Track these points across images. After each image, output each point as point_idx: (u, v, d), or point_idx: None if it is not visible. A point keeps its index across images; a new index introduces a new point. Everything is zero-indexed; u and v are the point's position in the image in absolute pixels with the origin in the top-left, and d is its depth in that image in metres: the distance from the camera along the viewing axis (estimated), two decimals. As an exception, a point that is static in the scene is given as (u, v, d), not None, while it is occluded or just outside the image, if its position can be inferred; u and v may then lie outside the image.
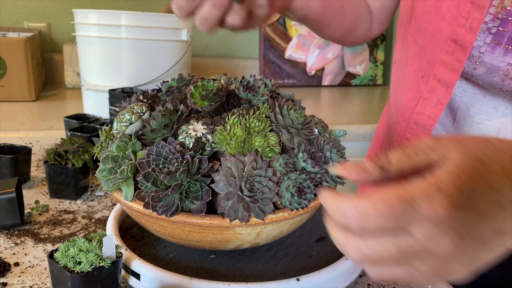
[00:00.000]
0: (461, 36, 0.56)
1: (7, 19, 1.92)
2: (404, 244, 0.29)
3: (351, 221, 0.29)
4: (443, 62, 0.60)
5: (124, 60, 1.24)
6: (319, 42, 2.01)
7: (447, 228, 0.28)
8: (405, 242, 0.29)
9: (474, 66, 0.57)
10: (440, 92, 0.61)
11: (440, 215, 0.27)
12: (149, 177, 0.49)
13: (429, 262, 0.29)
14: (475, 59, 0.56)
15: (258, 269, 0.57)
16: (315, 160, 0.51)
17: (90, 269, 0.44)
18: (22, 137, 1.15)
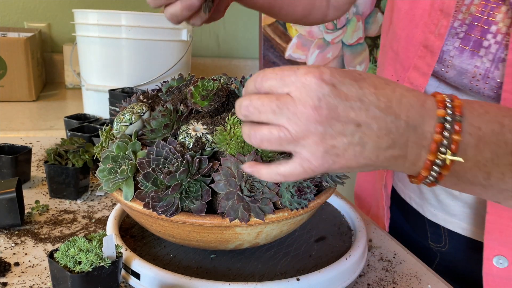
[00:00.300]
0: (430, 42, 0.60)
1: (7, 19, 1.92)
2: (283, 99, 0.36)
3: (255, 79, 0.39)
4: (415, 67, 0.64)
5: (124, 60, 1.24)
6: (319, 42, 2.02)
7: (313, 93, 0.35)
8: (283, 97, 0.37)
9: (446, 69, 0.60)
10: None
11: (309, 80, 0.35)
12: (149, 177, 0.49)
13: (295, 122, 0.36)
14: (446, 63, 0.59)
15: (258, 269, 0.57)
16: (315, 160, 0.51)
17: (90, 269, 0.44)
18: (22, 137, 1.15)
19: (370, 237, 0.71)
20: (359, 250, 0.59)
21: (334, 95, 0.35)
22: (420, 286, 0.60)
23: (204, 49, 2.05)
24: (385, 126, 0.36)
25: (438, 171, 0.38)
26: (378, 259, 0.65)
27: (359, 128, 0.36)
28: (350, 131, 0.36)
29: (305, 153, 0.37)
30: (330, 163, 0.37)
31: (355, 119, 0.36)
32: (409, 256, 0.67)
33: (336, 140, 0.36)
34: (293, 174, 0.39)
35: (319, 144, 0.36)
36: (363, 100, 0.36)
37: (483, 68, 0.56)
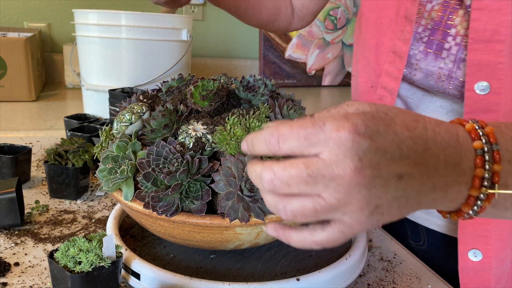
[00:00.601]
0: (398, 47, 0.63)
1: (7, 19, 1.92)
2: (312, 164, 0.31)
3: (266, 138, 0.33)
4: (386, 72, 0.66)
5: (124, 60, 1.24)
6: (319, 42, 2.02)
7: (349, 152, 0.30)
8: (314, 163, 0.31)
9: (414, 72, 0.63)
10: (387, 99, 0.67)
11: (344, 137, 0.30)
12: (149, 177, 0.49)
13: (334, 188, 0.31)
14: (414, 66, 0.62)
15: (258, 269, 0.57)
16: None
17: (90, 269, 0.44)
18: (22, 137, 1.15)
19: (370, 237, 0.71)
20: (359, 250, 0.59)
21: (375, 151, 0.31)
22: (420, 286, 0.60)
23: (204, 49, 2.05)
24: (426, 171, 0.33)
25: (481, 205, 0.35)
26: (378, 259, 0.65)
27: (401, 180, 0.32)
28: (393, 186, 0.32)
29: (347, 220, 0.33)
30: (374, 223, 0.33)
31: (397, 172, 0.32)
32: (409, 256, 0.67)
33: (380, 199, 0.32)
34: (332, 241, 0.34)
35: (364, 209, 0.32)
36: (401, 147, 0.32)
37: (446, 69, 0.58)
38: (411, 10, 0.60)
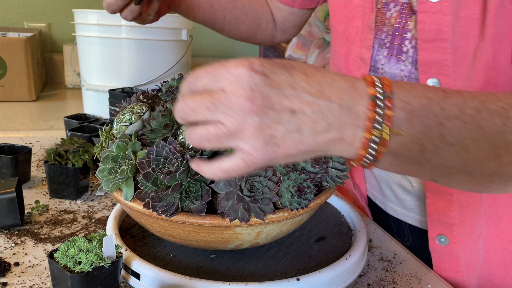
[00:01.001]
0: (363, 54, 0.67)
1: (7, 19, 1.92)
2: (216, 94, 0.37)
3: (188, 81, 0.39)
4: None
5: (124, 60, 1.24)
6: (319, 42, 2.02)
7: (244, 83, 0.36)
8: (216, 93, 0.37)
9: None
10: None
11: (241, 71, 0.36)
12: (149, 177, 0.49)
13: (231, 115, 0.36)
14: (379, 71, 0.66)
15: (258, 269, 0.57)
16: (315, 160, 0.51)
17: (90, 269, 0.44)
18: (22, 137, 1.15)
19: (370, 237, 0.71)
20: (359, 250, 0.59)
21: (266, 85, 0.36)
22: (420, 286, 0.60)
23: (204, 49, 2.05)
24: (319, 110, 0.37)
25: (376, 148, 0.38)
26: (378, 259, 0.65)
27: (294, 115, 0.36)
28: (286, 119, 0.36)
29: (245, 147, 0.37)
30: (271, 153, 0.37)
31: (289, 106, 0.36)
32: (409, 256, 0.67)
33: (273, 129, 0.36)
34: (235, 169, 0.38)
35: (257, 136, 0.36)
36: (295, 87, 0.37)
37: (406, 71, 0.62)
38: (371, 19, 0.64)
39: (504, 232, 0.62)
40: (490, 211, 0.62)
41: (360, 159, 0.39)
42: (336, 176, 0.54)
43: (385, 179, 0.75)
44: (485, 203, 0.61)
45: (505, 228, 0.62)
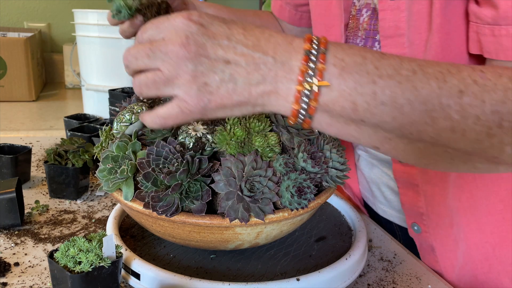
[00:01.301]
0: None
1: (7, 19, 1.92)
2: (155, 42, 0.39)
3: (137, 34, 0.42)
4: None
5: (124, 60, 1.24)
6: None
7: (180, 31, 0.38)
8: (156, 41, 0.39)
9: None
10: None
11: (179, 21, 0.38)
12: (149, 177, 0.49)
13: (168, 62, 0.38)
14: None
15: (258, 269, 0.57)
16: (315, 160, 0.51)
17: (90, 269, 0.44)
18: (22, 137, 1.15)
19: (370, 237, 0.71)
20: (359, 250, 0.59)
21: (202, 33, 0.38)
22: (420, 286, 0.60)
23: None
24: (253, 62, 0.38)
25: (307, 102, 0.39)
26: (378, 259, 0.65)
27: (228, 65, 0.38)
28: (220, 68, 0.38)
29: (180, 93, 0.39)
30: (206, 101, 0.38)
31: (224, 56, 0.38)
32: (409, 256, 0.67)
33: (207, 77, 0.38)
34: (171, 115, 0.40)
35: (191, 82, 0.38)
36: (231, 38, 0.38)
37: None
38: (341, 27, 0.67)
39: (484, 225, 0.62)
40: (467, 205, 0.62)
41: (295, 114, 0.40)
42: (336, 176, 0.54)
43: (375, 180, 0.76)
44: (462, 197, 0.62)
45: (485, 222, 0.62)
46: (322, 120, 0.41)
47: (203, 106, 0.39)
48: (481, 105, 0.39)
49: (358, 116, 0.40)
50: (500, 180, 0.59)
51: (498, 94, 0.39)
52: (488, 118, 0.39)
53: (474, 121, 0.39)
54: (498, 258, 0.62)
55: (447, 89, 0.39)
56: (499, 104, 0.39)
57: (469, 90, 0.39)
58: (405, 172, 0.65)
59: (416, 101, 0.39)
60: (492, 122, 0.39)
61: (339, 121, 0.41)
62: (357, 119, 0.40)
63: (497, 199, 0.60)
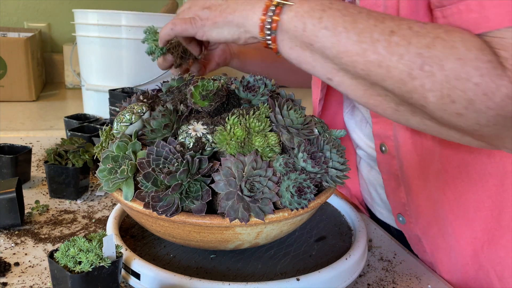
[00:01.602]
0: None
1: (7, 19, 1.92)
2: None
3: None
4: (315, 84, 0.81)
5: (124, 60, 1.24)
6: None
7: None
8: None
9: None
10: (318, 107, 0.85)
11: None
12: (149, 177, 0.49)
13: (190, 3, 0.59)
14: None
15: (258, 269, 0.57)
16: (315, 160, 0.51)
17: (90, 269, 0.44)
18: (22, 137, 1.15)
19: (370, 237, 0.71)
20: (359, 250, 0.59)
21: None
22: (420, 286, 0.60)
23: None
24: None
25: (271, 16, 0.49)
26: (378, 259, 0.65)
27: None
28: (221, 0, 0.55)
29: (192, 13, 0.59)
30: (207, 15, 0.56)
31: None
32: (409, 256, 0.67)
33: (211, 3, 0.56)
34: (182, 22, 0.59)
35: (201, 6, 0.58)
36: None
37: None
38: None
39: (472, 221, 0.62)
40: (452, 198, 0.62)
41: (262, 28, 0.50)
42: (336, 176, 0.54)
43: (372, 182, 0.76)
44: (446, 190, 0.62)
45: (473, 218, 0.62)
46: (284, 41, 0.50)
47: (204, 19, 0.56)
48: (407, 45, 0.43)
49: (307, 38, 0.48)
50: (488, 176, 0.59)
51: (426, 40, 0.43)
52: (411, 59, 0.43)
53: (398, 59, 0.43)
54: (487, 256, 0.62)
55: (381, 27, 0.44)
56: (424, 48, 0.42)
57: (400, 32, 0.44)
58: (387, 163, 0.67)
59: (352, 31, 0.45)
60: (414, 64, 0.42)
61: (296, 44, 0.50)
62: (307, 42, 0.48)
63: (485, 195, 0.60)
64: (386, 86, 0.45)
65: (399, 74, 0.43)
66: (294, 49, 0.50)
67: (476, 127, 0.43)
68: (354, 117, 0.78)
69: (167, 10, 1.43)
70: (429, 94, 0.43)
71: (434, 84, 0.42)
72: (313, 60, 0.49)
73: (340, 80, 0.49)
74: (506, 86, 0.40)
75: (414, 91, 0.44)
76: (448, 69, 0.41)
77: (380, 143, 0.66)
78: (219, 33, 0.55)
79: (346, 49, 0.46)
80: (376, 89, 0.47)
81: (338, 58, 0.47)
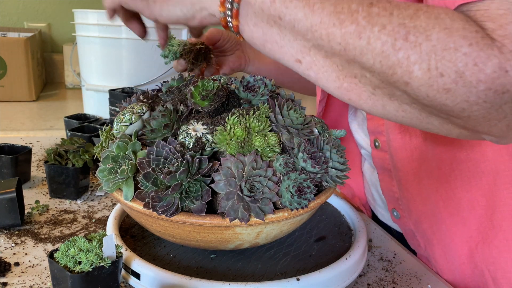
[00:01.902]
0: None
1: (7, 19, 1.92)
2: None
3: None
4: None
5: (124, 60, 1.24)
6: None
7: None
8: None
9: None
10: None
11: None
12: (149, 177, 0.49)
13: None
14: None
15: (258, 269, 0.57)
16: (315, 160, 0.51)
17: (90, 269, 0.44)
18: (23, 137, 1.15)
19: (370, 237, 0.71)
20: (359, 250, 0.59)
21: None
22: (420, 286, 0.60)
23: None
24: None
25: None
26: (378, 259, 0.65)
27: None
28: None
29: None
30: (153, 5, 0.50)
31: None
32: (409, 256, 0.67)
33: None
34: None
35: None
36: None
37: None
38: None
39: (467, 220, 0.62)
40: (446, 196, 0.63)
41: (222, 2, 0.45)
42: (336, 176, 0.54)
43: (374, 183, 0.76)
44: (439, 188, 0.62)
45: (468, 216, 0.62)
46: (248, 17, 0.45)
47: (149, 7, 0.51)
48: (388, 16, 0.40)
49: (275, 11, 0.43)
50: (481, 174, 0.59)
51: (408, 11, 0.40)
52: (394, 29, 0.39)
53: (380, 29, 0.40)
54: (481, 256, 0.62)
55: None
56: (407, 18, 0.39)
57: (380, 4, 0.41)
58: (380, 157, 0.67)
59: (327, 1, 0.41)
60: (398, 34, 0.39)
61: (262, 19, 0.44)
62: (275, 15, 0.43)
63: (479, 193, 0.60)
64: (365, 61, 0.41)
65: (381, 46, 0.40)
66: (259, 25, 0.45)
67: (464, 106, 0.40)
68: (357, 118, 0.78)
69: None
70: (415, 67, 0.39)
71: (421, 55, 0.39)
72: (281, 38, 0.44)
73: (311, 60, 0.44)
74: (496, 56, 0.38)
75: (398, 64, 0.40)
76: (434, 39, 0.38)
77: (374, 139, 0.67)
78: (170, 11, 0.49)
79: (321, 20, 0.41)
80: (352, 68, 0.43)
81: (312, 32, 0.42)
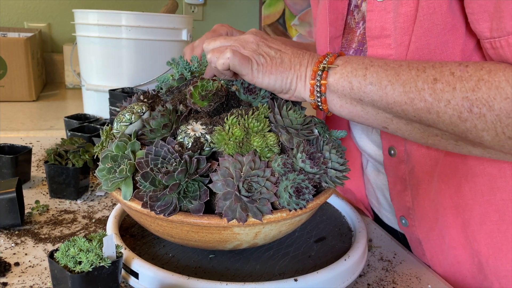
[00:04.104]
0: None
1: (7, 19, 1.92)
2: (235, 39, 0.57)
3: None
4: None
5: (124, 60, 1.24)
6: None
7: (249, 34, 0.56)
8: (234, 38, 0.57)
9: None
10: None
11: (247, 35, 0.56)
12: (147, 176, 0.49)
13: (240, 40, 0.56)
14: None
15: (256, 269, 0.57)
16: (314, 160, 0.51)
17: (91, 269, 0.44)
18: (23, 137, 1.15)
19: (370, 237, 0.71)
20: (359, 251, 0.60)
21: (260, 38, 0.56)
22: (420, 286, 0.60)
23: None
24: (296, 52, 0.55)
25: (319, 80, 0.53)
26: (378, 259, 0.65)
27: (279, 51, 0.55)
28: (273, 52, 0.55)
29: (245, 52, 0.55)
30: (262, 61, 0.54)
31: (272, 46, 0.56)
32: (409, 256, 0.67)
33: (262, 55, 0.54)
34: (240, 61, 0.54)
35: (255, 50, 0.55)
36: (272, 46, 0.56)
37: None
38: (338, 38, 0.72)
39: (477, 234, 0.62)
40: (456, 206, 0.62)
41: (312, 91, 0.54)
42: (336, 177, 0.54)
43: (380, 186, 0.76)
44: (453, 197, 0.62)
45: (478, 230, 0.62)
46: (334, 101, 0.54)
47: (260, 65, 0.54)
48: (452, 91, 0.45)
49: (355, 95, 0.51)
50: (496, 190, 0.59)
51: (470, 83, 0.45)
52: (458, 103, 0.45)
53: (445, 104, 0.46)
54: (493, 269, 0.61)
55: (423, 76, 0.47)
56: (469, 91, 0.45)
57: (443, 79, 0.46)
58: (394, 166, 0.67)
59: (396, 83, 0.49)
60: (463, 107, 0.45)
61: (346, 101, 0.53)
62: (356, 98, 0.52)
63: (492, 209, 0.60)
64: (440, 128, 0.48)
65: (449, 118, 0.46)
66: (344, 106, 0.53)
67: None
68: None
69: (167, 10, 1.43)
70: (484, 134, 0.45)
71: (486, 124, 0.45)
72: (365, 113, 0.53)
73: (396, 126, 0.52)
74: None
75: (468, 131, 0.46)
76: (497, 109, 0.43)
77: (389, 147, 0.66)
78: (270, 82, 0.54)
79: (394, 100, 0.49)
80: (432, 130, 0.50)
81: (389, 108, 0.50)
